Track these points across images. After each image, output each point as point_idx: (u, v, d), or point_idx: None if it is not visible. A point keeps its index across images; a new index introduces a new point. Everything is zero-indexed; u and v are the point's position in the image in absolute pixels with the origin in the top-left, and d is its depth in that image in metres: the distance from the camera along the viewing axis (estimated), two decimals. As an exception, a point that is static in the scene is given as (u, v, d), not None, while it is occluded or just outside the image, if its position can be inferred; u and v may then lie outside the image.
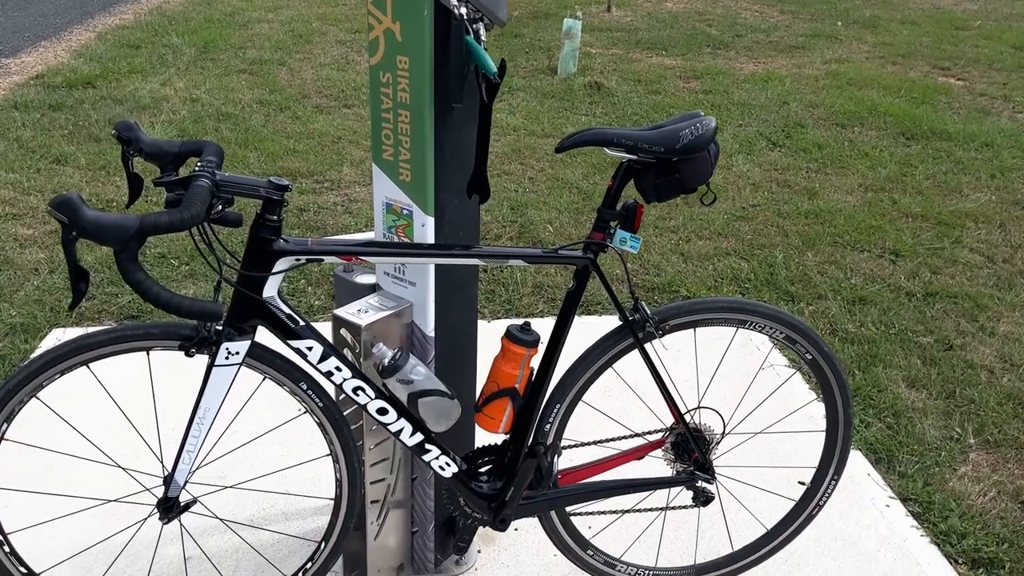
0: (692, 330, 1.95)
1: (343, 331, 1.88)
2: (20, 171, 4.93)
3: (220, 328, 1.71)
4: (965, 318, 3.60)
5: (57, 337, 3.22)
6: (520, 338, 1.83)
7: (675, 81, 7.13)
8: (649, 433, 2.06)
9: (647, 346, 1.90)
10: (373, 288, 1.99)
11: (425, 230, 1.84)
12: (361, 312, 1.87)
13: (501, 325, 3.46)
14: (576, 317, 1.86)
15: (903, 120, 6.20)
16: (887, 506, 2.52)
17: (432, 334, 1.94)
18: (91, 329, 3.33)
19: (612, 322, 1.91)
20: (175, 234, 4.10)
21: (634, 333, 1.87)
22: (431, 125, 1.75)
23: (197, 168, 1.61)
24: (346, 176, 4.95)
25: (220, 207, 1.60)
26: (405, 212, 1.85)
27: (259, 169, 4.98)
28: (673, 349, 3.13)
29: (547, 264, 1.80)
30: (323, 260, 1.71)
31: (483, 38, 1.72)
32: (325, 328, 1.93)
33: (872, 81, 7.26)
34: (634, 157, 1.73)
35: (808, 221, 4.49)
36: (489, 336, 2.20)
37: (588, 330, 2.22)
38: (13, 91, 6.33)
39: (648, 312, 1.87)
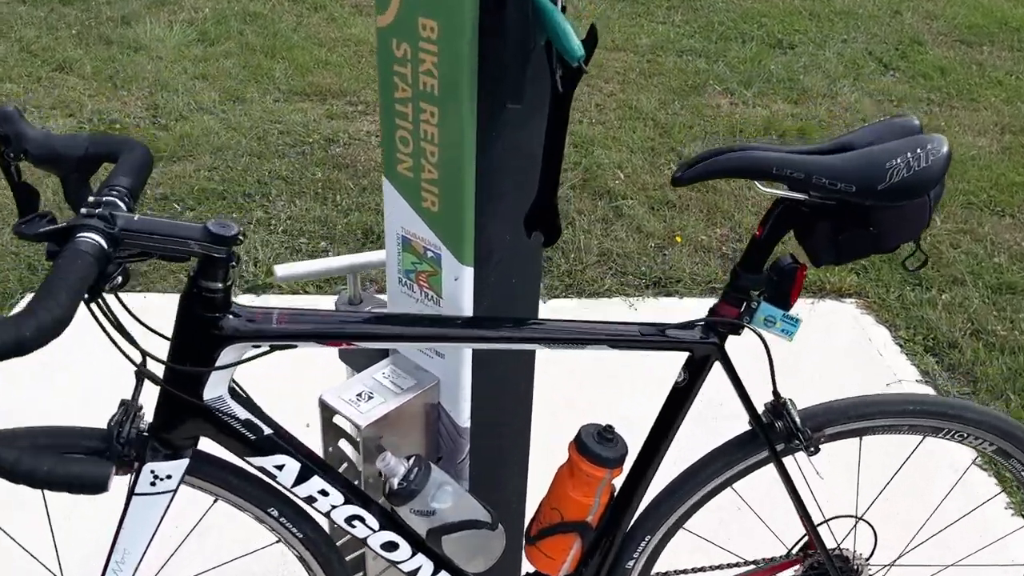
0: (858, 439, 1.30)
1: (337, 420, 1.28)
2: (18, 80, 4.33)
3: (143, 438, 1.12)
4: None
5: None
6: (598, 454, 1.21)
7: (766, -19, 6.16)
8: (768, 562, 1.45)
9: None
10: (386, 340, 1.38)
11: (459, 286, 1.20)
12: (363, 398, 1.26)
13: (558, 306, 2.83)
14: (652, 299, 1.22)
15: (1041, 39, 5.24)
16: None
17: (467, 425, 1.32)
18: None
19: (706, 307, 1.19)
20: (183, 173, 3.51)
21: (771, 444, 1.24)
22: (472, 130, 1.09)
23: (88, 206, 0.99)
24: (384, 97, 4.26)
25: (119, 278, 0.98)
26: (430, 255, 1.21)
27: (286, 86, 4.31)
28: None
29: (647, 350, 1.16)
30: (296, 346, 1.09)
31: (562, -10, 1.03)
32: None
33: (999, -14, 6.21)
34: (803, 197, 1.05)
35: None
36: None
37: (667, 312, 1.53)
38: (21, -20, 5.67)
39: (796, 419, 1.22)
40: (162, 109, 4.05)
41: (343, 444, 1.32)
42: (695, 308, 2.88)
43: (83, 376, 2.39)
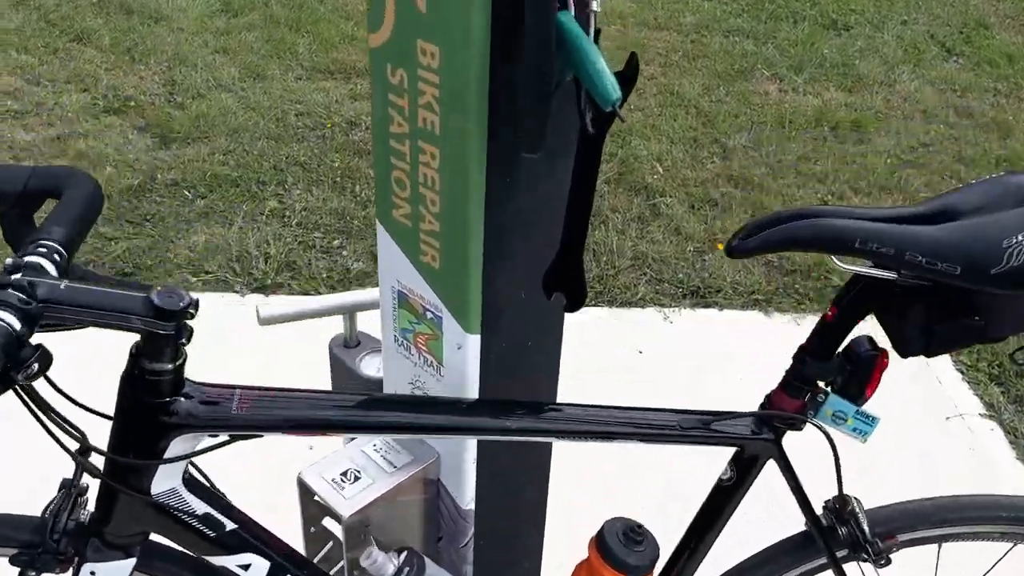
0: (936, 546, 1.09)
1: (318, 499, 1.10)
2: (33, 51, 4.17)
3: (83, 529, 0.95)
4: None
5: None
6: (623, 560, 1.01)
7: (821, -44, 5.82)
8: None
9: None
10: (383, 395, 1.19)
11: (463, 355, 1.00)
12: (348, 478, 1.08)
13: (586, 313, 2.63)
14: (689, 310, 1.03)
15: (1118, 24, 4.88)
16: None
17: (471, 507, 1.14)
18: None
19: (749, 320, 0.98)
20: (196, 157, 3.33)
21: (831, 552, 1.04)
22: (480, 177, 0.88)
23: (6, 270, 0.80)
24: (411, 76, 4.04)
25: (35, 365, 0.79)
26: (430, 316, 1.02)
27: (309, 63, 4.11)
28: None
29: (688, 444, 0.96)
30: (261, 435, 0.91)
31: (595, 7, 0.82)
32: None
33: (1072, -35, 5.81)
34: (892, 276, 0.84)
35: (1000, 173, 3.43)
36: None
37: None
38: (45, -56, 5.50)
39: (864, 525, 1.02)
40: (179, 85, 3.87)
41: (328, 522, 1.14)
42: (736, 320, 2.66)
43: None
